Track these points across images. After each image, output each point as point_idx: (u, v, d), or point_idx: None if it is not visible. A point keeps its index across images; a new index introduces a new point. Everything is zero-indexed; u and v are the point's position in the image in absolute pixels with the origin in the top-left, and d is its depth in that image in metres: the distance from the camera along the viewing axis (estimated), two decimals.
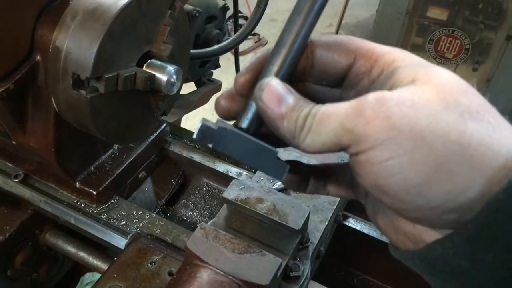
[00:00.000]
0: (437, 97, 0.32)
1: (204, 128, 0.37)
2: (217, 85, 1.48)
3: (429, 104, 0.32)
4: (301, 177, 0.44)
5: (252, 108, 0.39)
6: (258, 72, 0.39)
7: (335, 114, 0.34)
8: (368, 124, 0.32)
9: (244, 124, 0.39)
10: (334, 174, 0.45)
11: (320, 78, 0.41)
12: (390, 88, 0.34)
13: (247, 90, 0.40)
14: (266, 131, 0.39)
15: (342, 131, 0.33)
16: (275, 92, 0.36)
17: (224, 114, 0.41)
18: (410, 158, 0.32)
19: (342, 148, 0.34)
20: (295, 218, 0.67)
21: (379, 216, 0.40)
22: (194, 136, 0.37)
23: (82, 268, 1.04)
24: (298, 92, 0.37)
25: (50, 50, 0.69)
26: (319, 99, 0.38)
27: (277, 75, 0.38)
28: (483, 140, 0.32)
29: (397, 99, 0.32)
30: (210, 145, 0.37)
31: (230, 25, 2.33)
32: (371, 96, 0.33)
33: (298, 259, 0.69)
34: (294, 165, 0.43)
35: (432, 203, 0.33)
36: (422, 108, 0.32)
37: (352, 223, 0.89)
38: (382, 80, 0.36)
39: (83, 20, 0.67)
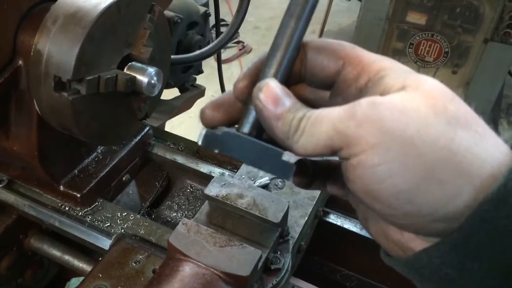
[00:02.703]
0: (427, 104, 0.33)
1: (209, 134, 0.38)
2: (201, 91, 1.50)
3: (419, 110, 0.32)
4: (308, 175, 0.45)
5: (253, 113, 0.39)
6: (256, 77, 0.40)
7: (328, 116, 0.34)
8: (360, 126, 0.33)
9: (246, 128, 0.39)
10: (334, 172, 0.45)
11: (310, 81, 0.42)
12: (380, 95, 0.35)
13: (246, 95, 0.40)
14: (267, 137, 0.39)
15: (334, 133, 0.34)
16: (273, 92, 0.37)
17: (209, 124, 0.41)
18: (400, 163, 0.32)
19: (334, 151, 0.35)
20: (274, 212, 0.69)
21: (370, 223, 0.41)
22: (200, 142, 0.38)
23: (68, 273, 1.04)
24: (295, 96, 0.38)
25: (32, 54, 0.70)
26: (314, 105, 0.39)
27: (275, 77, 0.39)
28: (471, 148, 0.32)
29: (388, 104, 0.33)
30: (216, 151, 0.38)
31: (214, 33, 2.36)
32: (364, 100, 0.34)
33: (278, 253, 0.71)
34: (301, 163, 0.43)
35: (421, 211, 0.33)
36: (412, 113, 0.32)
37: (333, 218, 0.91)
38: (369, 87, 0.36)
39: (64, 23, 0.68)
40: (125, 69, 0.75)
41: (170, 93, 1.48)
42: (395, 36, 2.88)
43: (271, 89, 0.37)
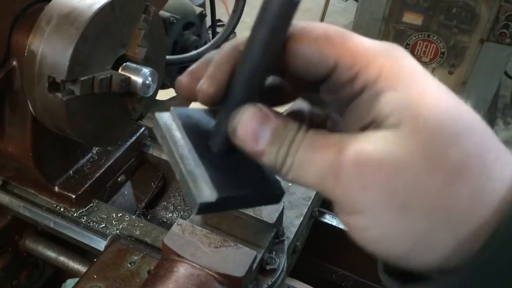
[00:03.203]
0: (423, 156, 0.28)
1: (203, 207, 0.32)
2: None
3: (412, 168, 0.28)
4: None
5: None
6: (226, 80, 0.34)
7: (314, 163, 0.31)
8: (345, 191, 0.30)
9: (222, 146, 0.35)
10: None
11: (293, 83, 0.37)
12: (372, 121, 0.31)
13: (217, 102, 0.35)
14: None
15: (321, 186, 0.31)
16: (250, 128, 0.32)
17: (186, 94, 0.36)
18: (390, 230, 0.30)
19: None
20: (269, 213, 0.69)
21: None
22: (195, 213, 0.36)
23: (64, 274, 1.04)
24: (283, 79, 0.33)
25: (26, 54, 0.70)
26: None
27: (248, 95, 0.33)
28: (469, 204, 0.29)
29: (376, 162, 0.29)
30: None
31: (210, 34, 2.36)
32: (349, 157, 0.30)
33: (274, 253, 0.71)
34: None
35: (419, 268, 0.31)
36: (403, 174, 0.29)
37: (328, 219, 0.91)
38: (365, 100, 0.31)
39: (58, 24, 0.68)
40: (119, 70, 0.75)
41: (166, 94, 1.48)
42: (391, 36, 2.88)
43: (246, 125, 0.32)
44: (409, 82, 0.30)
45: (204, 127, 0.36)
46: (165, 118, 0.36)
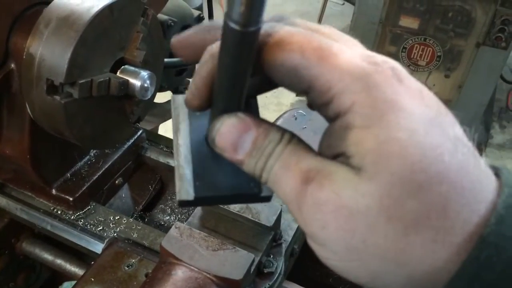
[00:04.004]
0: (379, 205, 0.28)
1: (182, 203, 0.34)
2: None
3: (369, 215, 0.28)
4: None
5: None
6: (209, 90, 0.33)
7: (284, 183, 0.31)
8: (306, 222, 0.31)
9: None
10: None
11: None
12: (341, 153, 0.30)
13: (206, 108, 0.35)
14: None
15: (289, 207, 0.32)
16: (228, 139, 0.33)
17: (178, 54, 0.36)
18: (349, 265, 0.31)
19: None
20: (267, 216, 0.69)
21: None
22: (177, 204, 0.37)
23: (61, 277, 1.04)
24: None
25: (24, 57, 0.70)
26: None
27: (229, 103, 0.33)
28: (424, 254, 0.29)
29: (334, 206, 0.29)
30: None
31: None
32: (308, 199, 0.30)
33: (271, 256, 0.71)
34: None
35: None
36: (359, 219, 0.29)
37: None
38: (338, 129, 0.30)
39: (57, 27, 0.68)
40: (118, 73, 0.75)
41: (163, 96, 1.48)
42: (388, 40, 2.90)
43: (225, 136, 0.32)
44: (378, 122, 0.28)
45: (207, 119, 0.36)
46: (179, 102, 0.37)
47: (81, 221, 0.87)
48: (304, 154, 0.31)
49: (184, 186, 0.34)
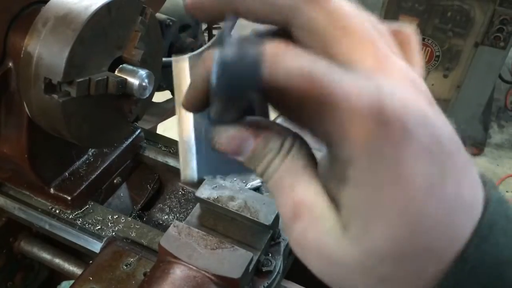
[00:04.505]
0: (357, 267, 0.28)
1: (186, 182, 0.35)
2: None
3: (345, 272, 0.29)
4: None
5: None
6: (205, 99, 0.31)
7: (278, 202, 0.31)
8: (292, 246, 0.31)
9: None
10: None
11: None
12: (334, 197, 0.29)
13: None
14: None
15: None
16: (229, 148, 0.32)
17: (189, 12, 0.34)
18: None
19: None
20: (265, 214, 0.69)
21: None
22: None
23: (59, 276, 1.04)
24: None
25: (22, 56, 0.70)
26: None
27: (227, 114, 0.31)
28: None
29: (315, 251, 0.29)
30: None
31: (206, 36, 2.36)
32: (295, 232, 0.30)
33: (270, 255, 0.71)
34: None
35: None
36: (337, 269, 0.29)
37: None
38: (337, 169, 0.29)
39: (54, 26, 0.68)
40: (116, 72, 0.75)
41: (162, 96, 1.48)
42: None
43: (225, 145, 0.32)
44: (373, 181, 0.26)
45: None
46: (180, 66, 0.35)
47: (79, 220, 0.87)
48: (300, 175, 0.30)
49: (188, 166, 0.33)
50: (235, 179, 0.83)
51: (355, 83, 0.25)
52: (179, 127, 0.34)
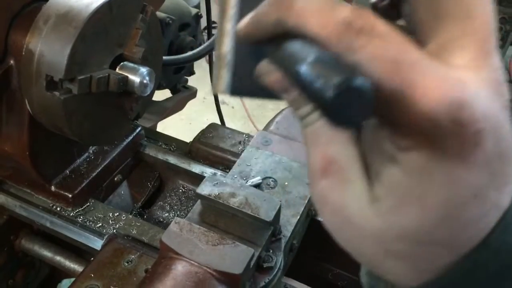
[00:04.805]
0: (379, 239, 0.29)
1: (216, 94, 0.34)
2: (192, 92, 1.50)
3: (366, 239, 0.30)
4: None
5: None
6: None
7: (308, 153, 0.31)
8: (314, 201, 0.33)
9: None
10: None
11: None
12: (371, 167, 0.30)
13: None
14: None
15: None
16: (275, 87, 0.31)
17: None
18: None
19: None
20: (266, 211, 0.69)
21: None
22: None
23: (60, 274, 1.04)
24: None
25: (23, 53, 0.71)
26: None
27: None
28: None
29: (339, 213, 0.30)
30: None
31: (205, 35, 2.36)
32: (319, 188, 0.30)
33: (271, 251, 0.72)
34: None
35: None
36: (356, 234, 0.30)
37: None
38: (386, 146, 0.28)
39: (56, 23, 0.68)
40: (117, 69, 0.75)
41: (161, 95, 1.48)
42: None
43: (280, 77, 0.30)
44: (425, 174, 0.27)
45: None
46: None
47: (80, 218, 0.87)
48: (339, 135, 0.30)
49: (222, 80, 0.33)
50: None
51: (439, 77, 0.25)
52: (219, 39, 0.33)
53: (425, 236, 0.28)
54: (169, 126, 2.81)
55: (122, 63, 0.76)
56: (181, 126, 2.93)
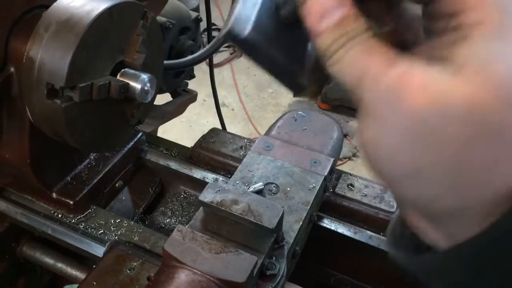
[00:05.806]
0: (470, 107, 0.28)
1: (228, 36, 0.33)
2: (193, 95, 1.50)
3: (458, 110, 0.29)
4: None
5: None
6: None
7: (361, 65, 0.31)
8: (365, 114, 0.31)
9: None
10: None
11: None
12: (440, 57, 0.29)
13: None
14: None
15: (355, 89, 0.32)
16: (321, 4, 0.31)
17: None
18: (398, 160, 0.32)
19: None
20: (269, 218, 0.69)
21: None
22: (222, 35, 0.36)
23: (61, 281, 1.04)
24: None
25: (24, 61, 0.70)
26: None
27: None
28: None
29: (424, 89, 0.29)
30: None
31: (205, 38, 2.36)
32: (388, 78, 0.30)
33: (274, 258, 0.71)
34: None
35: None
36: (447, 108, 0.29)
37: (327, 223, 0.91)
38: (448, 38, 0.30)
39: (56, 30, 0.68)
40: (118, 76, 0.75)
41: (162, 98, 1.48)
42: None
43: (319, 0, 0.32)
44: (502, 38, 0.28)
45: None
46: None
47: (81, 225, 0.87)
48: (389, 48, 0.31)
49: (242, 20, 0.32)
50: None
51: None
52: None
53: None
54: (169, 129, 2.81)
55: (123, 70, 0.75)
56: (181, 128, 2.93)
